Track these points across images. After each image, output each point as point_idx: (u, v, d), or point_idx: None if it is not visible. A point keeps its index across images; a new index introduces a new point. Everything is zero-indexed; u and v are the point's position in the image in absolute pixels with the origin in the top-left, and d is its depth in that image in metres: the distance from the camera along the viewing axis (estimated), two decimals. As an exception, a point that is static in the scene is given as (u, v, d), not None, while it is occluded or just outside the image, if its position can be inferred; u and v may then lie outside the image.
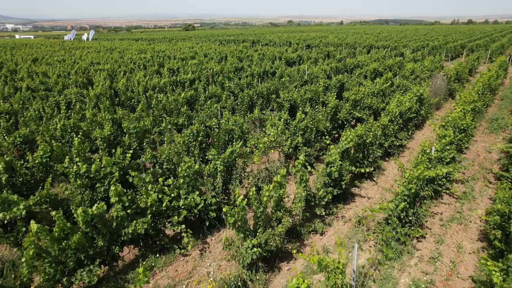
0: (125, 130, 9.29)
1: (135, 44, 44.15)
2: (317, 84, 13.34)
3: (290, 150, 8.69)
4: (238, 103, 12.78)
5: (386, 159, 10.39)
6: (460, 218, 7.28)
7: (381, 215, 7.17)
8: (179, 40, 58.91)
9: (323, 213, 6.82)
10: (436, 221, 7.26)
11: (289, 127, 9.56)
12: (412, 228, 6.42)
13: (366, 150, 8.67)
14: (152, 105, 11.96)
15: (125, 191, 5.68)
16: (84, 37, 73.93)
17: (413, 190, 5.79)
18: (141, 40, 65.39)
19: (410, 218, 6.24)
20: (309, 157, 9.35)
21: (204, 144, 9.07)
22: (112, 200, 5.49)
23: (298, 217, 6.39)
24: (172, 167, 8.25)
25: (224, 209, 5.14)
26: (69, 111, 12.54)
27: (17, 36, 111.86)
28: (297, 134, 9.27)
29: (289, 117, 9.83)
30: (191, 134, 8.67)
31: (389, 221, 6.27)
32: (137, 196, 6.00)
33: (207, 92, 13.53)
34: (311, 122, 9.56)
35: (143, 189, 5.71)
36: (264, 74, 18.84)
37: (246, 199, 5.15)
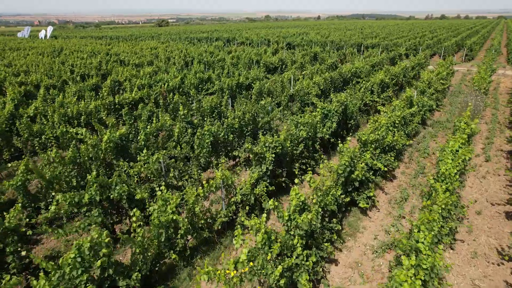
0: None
1: (92, 44, 38.43)
2: (313, 112, 9.11)
3: (283, 282, 4.35)
4: (196, 146, 8.33)
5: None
6: None
7: None
8: (147, 38, 53.21)
9: None
10: None
11: (278, 213, 5.20)
12: None
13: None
14: (52, 158, 7.31)
15: None
16: (42, 34, 66.41)
17: None
18: (105, 38, 59.09)
19: None
20: (314, 271, 5.09)
21: (112, 275, 4.57)
22: None
23: None
24: None
25: None
26: None
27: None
28: (293, 236, 4.95)
29: (274, 204, 5.32)
30: (79, 262, 4.17)
31: None
32: None
33: (149, 126, 8.96)
34: (318, 206, 5.29)
35: None
36: (238, 87, 14.42)
37: None
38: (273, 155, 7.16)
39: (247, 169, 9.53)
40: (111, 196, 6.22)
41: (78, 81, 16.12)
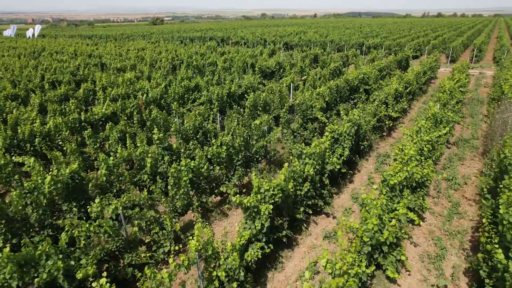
0: None
1: (77, 44, 36.25)
2: (321, 138, 7.25)
3: None
4: (170, 186, 6.41)
5: None
6: None
7: None
8: (138, 37, 51.00)
9: None
10: None
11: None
12: None
13: None
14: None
15: None
16: (29, 32, 63.94)
17: None
18: (94, 37, 56.79)
19: None
20: None
21: None
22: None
23: None
24: None
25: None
26: None
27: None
28: None
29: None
30: None
31: None
32: None
33: (113, 157, 7.02)
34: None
35: None
36: (229, 97, 12.49)
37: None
38: (271, 206, 5.25)
39: (238, 207, 7.64)
40: (36, 280, 4.29)
41: (47, 90, 14.09)
